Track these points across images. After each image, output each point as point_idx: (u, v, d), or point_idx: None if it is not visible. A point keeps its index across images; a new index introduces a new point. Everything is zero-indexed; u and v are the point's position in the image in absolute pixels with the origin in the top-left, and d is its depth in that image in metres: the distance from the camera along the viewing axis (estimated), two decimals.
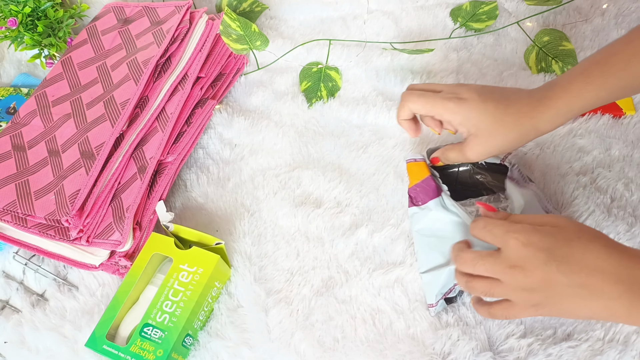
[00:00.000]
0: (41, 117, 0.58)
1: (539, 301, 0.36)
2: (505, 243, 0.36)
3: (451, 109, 0.44)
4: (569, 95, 0.42)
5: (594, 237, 0.36)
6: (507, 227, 0.37)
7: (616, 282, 0.34)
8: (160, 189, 0.55)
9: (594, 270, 0.34)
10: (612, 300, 0.34)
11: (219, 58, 0.64)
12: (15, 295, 0.54)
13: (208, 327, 0.49)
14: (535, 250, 0.35)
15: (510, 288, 0.36)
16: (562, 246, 0.35)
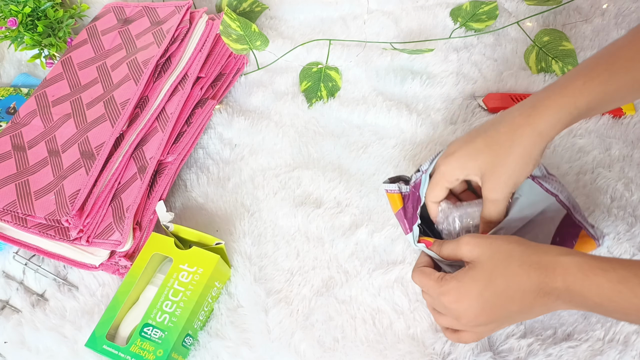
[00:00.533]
0: (41, 117, 0.58)
1: (492, 329, 0.41)
2: (444, 303, 0.40)
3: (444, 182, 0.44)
4: (572, 92, 0.40)
5: (507, 259, 0.38)
6: (438, 290, 0.40)
7: (546, 295, 0.36)
8: (160, 189, 0.55)
9: (522, 295, 0.37)
10: (552, 308, 0.38)
11: (219, 58, 0.64)
12: (15, 295, 0.54)
13: (208, 327, 0.49)
14: (468, 303, 0.39)
15: (466, 328, 0.41)
16: (487, 287, 0.38)
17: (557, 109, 0.40)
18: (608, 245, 0.49)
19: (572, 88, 0.40)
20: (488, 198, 0.43)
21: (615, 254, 0.48)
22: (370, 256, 0.51)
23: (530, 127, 0.40)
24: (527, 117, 0.41)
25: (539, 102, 0.41)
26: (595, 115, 0.43)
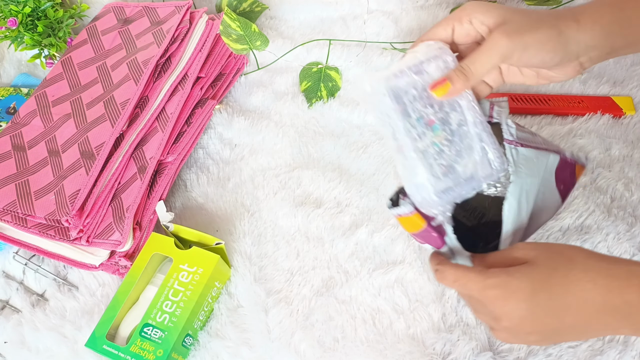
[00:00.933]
0: (41, 117, 0.58)
1: (533, 341, 0.35)
2: (486, 300, 0.34)
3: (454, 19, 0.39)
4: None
5: (570, 263, 0.33)
6: (481, 283, 0.34)
7: (611, 311, 0.32)
8: (160, 189, 0.55)
9: (582, 305, 0.32)
10: (611, 329, 0.33)
11: (219, 58, 0.64)
12: (15, 295, 0.54)
13: (208, 327, 0.49)
14: (515, 303, 0.33)
15: (502, 332, 0.35)
16: (542, 288, 0.33)
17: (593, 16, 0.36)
18: (608, 246, 0.49)
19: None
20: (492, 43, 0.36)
21: (615, 254, 0.48)
22: (370, 256, 0.51)
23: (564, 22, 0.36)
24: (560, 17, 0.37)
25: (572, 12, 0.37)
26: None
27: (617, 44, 0.37)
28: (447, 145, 0.38)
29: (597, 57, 0.37)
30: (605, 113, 0.57)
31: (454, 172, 0.38)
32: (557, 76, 0.39)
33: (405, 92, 0.38)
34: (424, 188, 0.37)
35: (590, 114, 0.57)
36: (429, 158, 0.37)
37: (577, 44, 0.36)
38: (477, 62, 0.37)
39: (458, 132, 0.38)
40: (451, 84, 0.37)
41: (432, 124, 0.38)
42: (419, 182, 0.37)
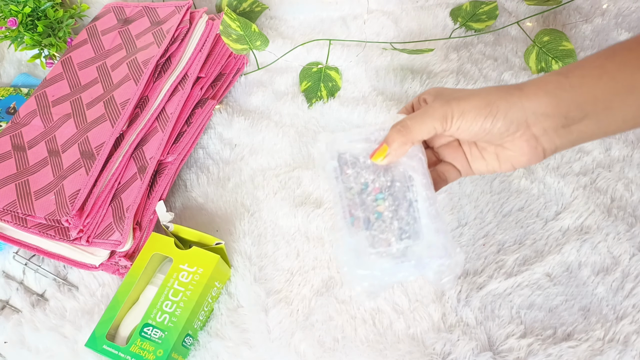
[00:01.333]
0: (41, 117, 0.58)
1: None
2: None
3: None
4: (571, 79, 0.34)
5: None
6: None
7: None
8: (160, 189, 0.55)
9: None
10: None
11: (219, 58, 0.64)
12: (15, 295, 0.54)
13: (208, 327, 0.49)
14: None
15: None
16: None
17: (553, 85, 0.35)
18: (608, 246, 0.49)
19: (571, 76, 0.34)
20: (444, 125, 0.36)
21: (615, 255, 0.48)
22: None
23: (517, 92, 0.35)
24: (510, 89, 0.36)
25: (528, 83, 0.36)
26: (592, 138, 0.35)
27: (572, 112, 0.34)
28: (390, 217, 0.36)
29: (552, 129, 0.35)
30: None
31: (390, 249, 0.35)
32: (516, 155, 0.36)
33: (354, 159, 0.37)
34: (348, 259, 0.35)
35: None
36: (368, 228, 0.36)
37: (521, 110, 0.34)
38: (415, 118, 0.36)
39: (404, 206, 0.36)
40: (388, 145, 0.36)
41: (376, 192, 0.37)
42: (345, 250, 0.36)
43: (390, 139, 0.36)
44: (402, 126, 0.36)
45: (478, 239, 0.51)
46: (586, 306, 0.46)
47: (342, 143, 0.38)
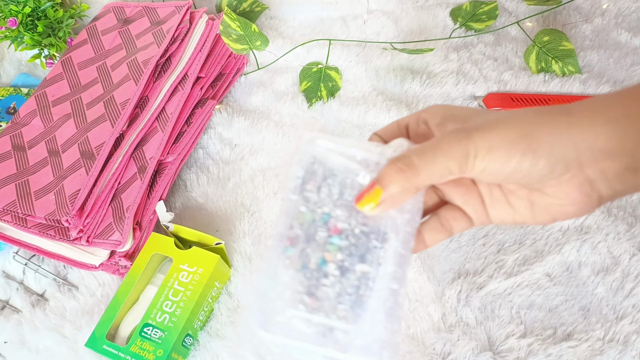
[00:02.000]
0: (41, 117, 0.58)
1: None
2: None
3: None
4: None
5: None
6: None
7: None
8: (160, 189, 0.55)
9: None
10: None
11: (219, 58, 0.64)
12: (15, 295, 0.54)
13: (208, 327, 0.49)
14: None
15: None
16: None
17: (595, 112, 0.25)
18: (608, 246, 0.49)
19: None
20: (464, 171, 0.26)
21: (615, 255, 0.48)
22: None
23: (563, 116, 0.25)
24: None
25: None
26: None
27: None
28: (335, 275, 0.26)
29: (614, 171, 0.25)
30: None
31: (320, 315, 0.26)
32: (560, 204, 0.26)
33: (325, 177, 0.28)
34: (258, 305, 0.26)
35: None
36: (304, 273, 0.26)
37: (572, 144, 0.24)
38: (425, 155, 0.26)
39: (357, 272, 0.26)
40: (383, 188, 0.26)
41: (335, 233, 0.27)
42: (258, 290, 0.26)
43: (387, 180, 0.26)
44: (406, 164, 0.26)
45: (478, 238, 0.51)
46: (586, 306, 0.46)
47: (321, 148, 0.28)
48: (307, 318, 0.26)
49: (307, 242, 0.27)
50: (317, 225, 0.27)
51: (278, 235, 0.27)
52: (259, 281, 0.26)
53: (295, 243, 0.27)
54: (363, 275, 0.27)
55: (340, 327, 0.26)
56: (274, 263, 0.27)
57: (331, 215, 0.27)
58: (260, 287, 0.26)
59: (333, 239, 0.27)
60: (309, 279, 0.26)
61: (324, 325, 0.26)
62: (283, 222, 0.28)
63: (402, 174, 0.26)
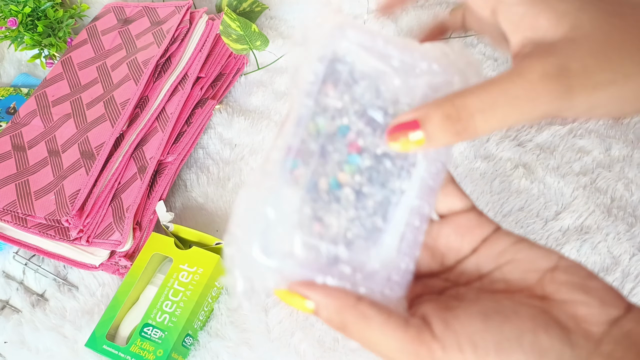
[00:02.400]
0: (41, 117, 0.58)
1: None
2: None
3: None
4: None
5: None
6: None
7: None
8: (160, 189, 0.55)
9: None
10: None
11: (219, 58, 0.64)
12: (15, 295, 0.54)
13: (208, 327, 0.49)
14: None
15: None
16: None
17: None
18: (608, 246, 0.49)
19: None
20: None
21: (615, 254, 0.48)
22: None
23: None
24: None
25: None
26: None
27: None
28: (350, 198, 0.23)
29: None
30: None
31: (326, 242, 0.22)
32: None
33: (351, 78, 0.23)
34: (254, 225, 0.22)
35: None
36: (311, 194, 0.23)
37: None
38: (498, 105, 0.19)
39: (378, 197, 0.23)
40: (426, 136, 0.21)
41: (354, 151, 0.23)
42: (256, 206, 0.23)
43: (432, 128, 0.21)
44: (460, 115, 0.20)
45: None
46: None
47: (349, 42, 0.23)
48: (311, 244, 0.22)
49: (320, 158, 0.23)
50: (333, 139, 0.23)
51: (285, 146, 0.23)
52: (256, 199, 0.22)
53: (305, 157, 0.23)
54: (381, 204, 0.23)
55: (347, 258, 0.23)
56: (275, 178, 0.23)
57: (351, 129, 0.23)
58: (256, 205, 0.22)
59: (352, 158, 0.22)
60: (316, 201, 0.22)
61: (329, 254, 0.22)
62: (292, 132, 0.23)
63: (452, 127, 0.20)
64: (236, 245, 0.23)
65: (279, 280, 0.22)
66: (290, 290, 0.23)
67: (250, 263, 0.22)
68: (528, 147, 0.56)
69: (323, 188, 0.23)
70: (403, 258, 0.23)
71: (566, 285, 0.22)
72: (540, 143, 0.56)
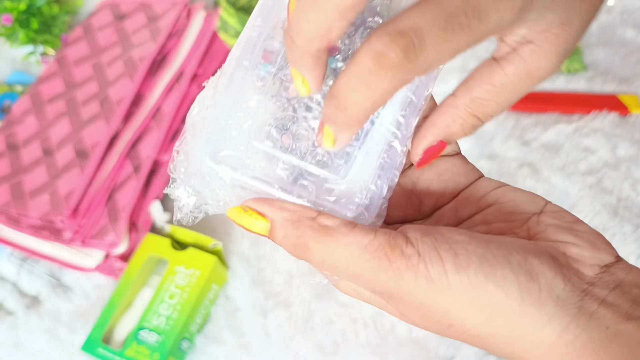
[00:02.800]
0: (36, 116, 0.57)
1: None
2: None
3: None
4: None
5: None
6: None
7: None
8: (156, 188, 0.54)
9: None
10: None
11: (217, 54, 0.63)
12: (10, 297, 0.53)
13: (205, 331, 0.48)
14: None
15: None
16: None
17: None
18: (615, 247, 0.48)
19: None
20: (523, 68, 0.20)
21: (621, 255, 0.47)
22: None
23: None
24: None
25: None
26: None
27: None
28: (320, 104, 0.20)
29: None
30: (611, 111, 0.56)
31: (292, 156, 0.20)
32: None
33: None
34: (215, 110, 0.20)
35: (595, 112, 0.56)
36: (279, 101, 0.20)
37: None
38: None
39: None
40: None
41: (330, 52, 0.20)
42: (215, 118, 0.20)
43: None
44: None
45: None
46: None
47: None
48: (275, 155, 0.20)
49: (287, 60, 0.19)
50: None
51: (250, 46, 0.20)
52: (217, 103, 0.20)
53: (274, 60, 0.20)
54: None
55: (315, 173, 0.20)
56: (239, 83, 0.20)
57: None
58: (217, 110, 0.20)
59: (330, 59, 0.19)
60: (284, 109, 0.20)
61: (293, 168, 0.20)
62: (258, 30, 0.20)
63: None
64: (184, 151, 0.20)
65: (230, 194, 0.20)
66: (243, 207, 0.20)
67: (199, 173, 0.20)
68: (533, 146, 0.55)
69: (293, 94, 0.20)
70: (375, 180, 0.20)
71: (554, 227, 0.21)
72: (545, 142, 0.55)
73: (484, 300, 0.19)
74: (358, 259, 0.19)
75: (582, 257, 0.20)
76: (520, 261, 0.19)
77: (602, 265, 0.20)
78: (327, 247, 0.19)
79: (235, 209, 0.21)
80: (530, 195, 0.23)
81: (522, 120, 0.57)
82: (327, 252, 0.20)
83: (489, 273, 0.19)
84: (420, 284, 0.19)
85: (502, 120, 0.57)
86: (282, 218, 0.20)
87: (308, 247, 0.20)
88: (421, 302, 0.19)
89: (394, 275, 0.19)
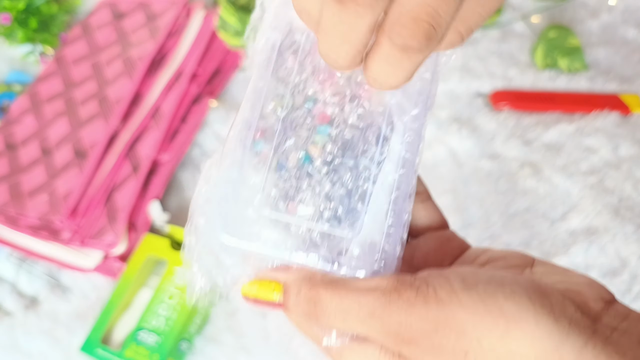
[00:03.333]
0: (34, 115, 0.57)
1: None
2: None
3: None
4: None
5: None
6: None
7: None
8: (156, 188, 0.54)
9: None
10: None
11: (216, 54, 0.63)
12: (8, 298, 0.53)
13: (204, 332, 0.48)
14: None
15: None
16: None
17: None
18: (616, 247, 0.48)
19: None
20: None
21: (622, 256, 0.47)
22: None
23: None
24: None
25: None
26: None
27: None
28: (322, 172, 0.21)
29: None
30: (612, 110, 0.56)
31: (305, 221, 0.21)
32: None
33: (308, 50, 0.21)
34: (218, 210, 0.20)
35: (596, 111, 0.56)
36: (280, 174, 0.21)
37: None
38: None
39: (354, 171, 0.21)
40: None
41: (322, 121, 0.21)
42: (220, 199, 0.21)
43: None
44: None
45: (483, 239, 0.50)
46: None
47: None
48: (286, 222, 0.20)
49: (285, 134, 0.21)
50: (299, 112, 0.21)
51: (245, 124, 0.21)
52: (218, 184, 0.21)
53: (269, 135, 0.21)
54: (358, 178, 0.21)
55: (325, 239, 0.20)
56: (238, 161, 0.21)
57: (318, 100, 0.21)
58: (218, 189, 0.20)
59: (320, 128, 0.21)
60: (286, 181, 0.21)
61: (304, 235, 0.20)
62: (251, 108, 0.21)
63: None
64: (196, 233, 0.21)
65: (244, 269, 0.20)
66: (259, 278, 0.21)
67: (212, 252, 0.20)
68: (534, 145, 0.54)
69: (292, 165, 0.21)
70: (388, 240, 0.21)
71: (549, 274, 0.22)
72: (546, 142, 0.55)
73: (495, 312, 0.19)
74: (370, 299, 0.20)
75: (585, 292, 0.21)
76: (528, 281, 0.20)
77: (605, 300, 0.21)
78: (339, 293, 0.20)
79: (250, 283, 0.21)
80: (519, 252, 0.24)
81: (523, 119, 0.57)
82: (339, 299, 0.20)
83: (498, 289, 0.19)
84: (430, 308, 0.19)
85: (503, 120, 0.57)
86: (296, 277, 0.21)
87: (320, 299, 0.20)
88: (434, 326, 0.19)
89: (404, 304, 0.19)
